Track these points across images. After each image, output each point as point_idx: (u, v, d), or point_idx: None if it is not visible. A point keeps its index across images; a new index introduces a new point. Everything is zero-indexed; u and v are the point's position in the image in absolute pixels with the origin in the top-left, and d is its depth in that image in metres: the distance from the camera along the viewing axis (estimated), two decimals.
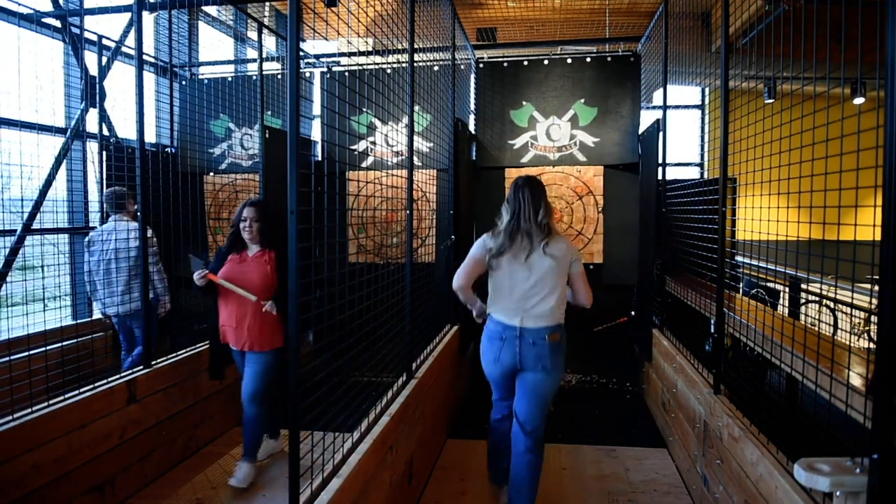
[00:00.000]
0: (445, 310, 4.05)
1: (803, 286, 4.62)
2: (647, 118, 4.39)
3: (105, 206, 3.80)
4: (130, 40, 4.58)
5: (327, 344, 2.06)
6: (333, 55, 5.83)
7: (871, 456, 1.26)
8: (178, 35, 5.16)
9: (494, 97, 4.71)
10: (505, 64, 4.72)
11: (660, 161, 3.90)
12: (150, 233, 3.55)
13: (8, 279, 3.71)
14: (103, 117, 4.48)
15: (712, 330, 3.20)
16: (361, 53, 4.89)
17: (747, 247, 2.51)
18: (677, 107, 7.92)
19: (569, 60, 4.62)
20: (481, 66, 4.74)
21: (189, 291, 4.99)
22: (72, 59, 4.29)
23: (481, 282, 2.59)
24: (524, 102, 4.69)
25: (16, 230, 3.84)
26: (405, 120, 3.06)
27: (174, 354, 3.27)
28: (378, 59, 4.17)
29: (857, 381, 1.69)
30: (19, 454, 2.22)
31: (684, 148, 7.80)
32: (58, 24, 4.15)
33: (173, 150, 4.92)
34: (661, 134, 3.79)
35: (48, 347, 2.84)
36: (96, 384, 2.67)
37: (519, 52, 5.73)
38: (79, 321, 4.00)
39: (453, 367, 3.87)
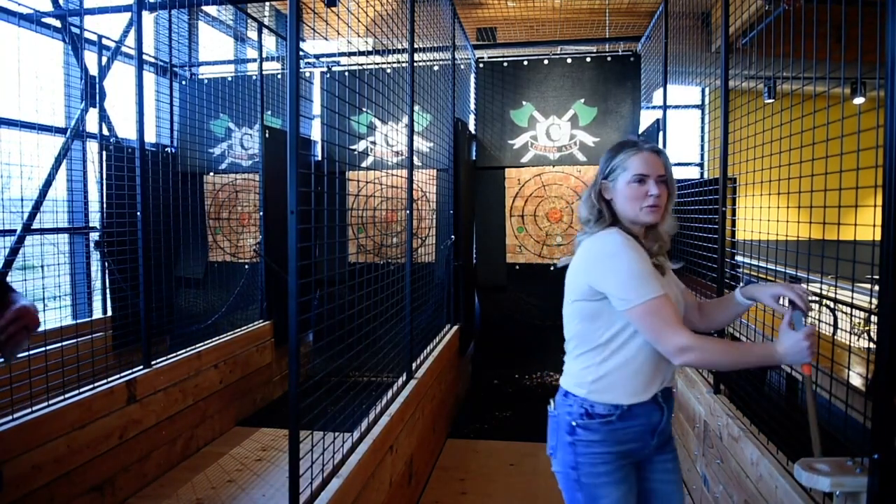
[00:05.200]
0: (445, 310, 4.05)
1: (803, 286, 4.61)
2: (647, 118, 4.39)
3: None
4: (130, 40, 4.58)
5: (327, 344, 2.06)
6: (333, 55, 5.83)
7: (872, 456, 1.25)
8: (178, 35, 5.15)
9: (494, 97, 4.71)
10: (505, 64, 4.72)
11: None
12: None
13: (8, 279, 3.70)
14: (103, 117, 4.47)
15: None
16: (361, 53, 4.88)
17: (747, 247, 2.51)
18: (677, 107, 7.91)
19: (569, 60, 4.62)
20: (481, 66, 4.74)
21: (188, 291, 5.00)
22: (72, 59, 4.29)
23: None
24: (524, 102, 4.69)
25: (16, 230, 3.84)
26: (405, 120, 3.06)
27: (174, 354, 3.26)
28: (378, 59, 4.16)
29: (857, 381, 1.69)
30: (19, 454, 2.22)
31: (684, 148, 7.80)
32: (58, 24, 4.14)
33: (173, 150, 4.92)
34: (660, 134, 3.79)
35: (48, 347, 2.84)
36: (96, 384, 2.67)
37: (519, 52, 5.73)
38: (79, 321, 3.99)
39: (453, 367, 3.87)
